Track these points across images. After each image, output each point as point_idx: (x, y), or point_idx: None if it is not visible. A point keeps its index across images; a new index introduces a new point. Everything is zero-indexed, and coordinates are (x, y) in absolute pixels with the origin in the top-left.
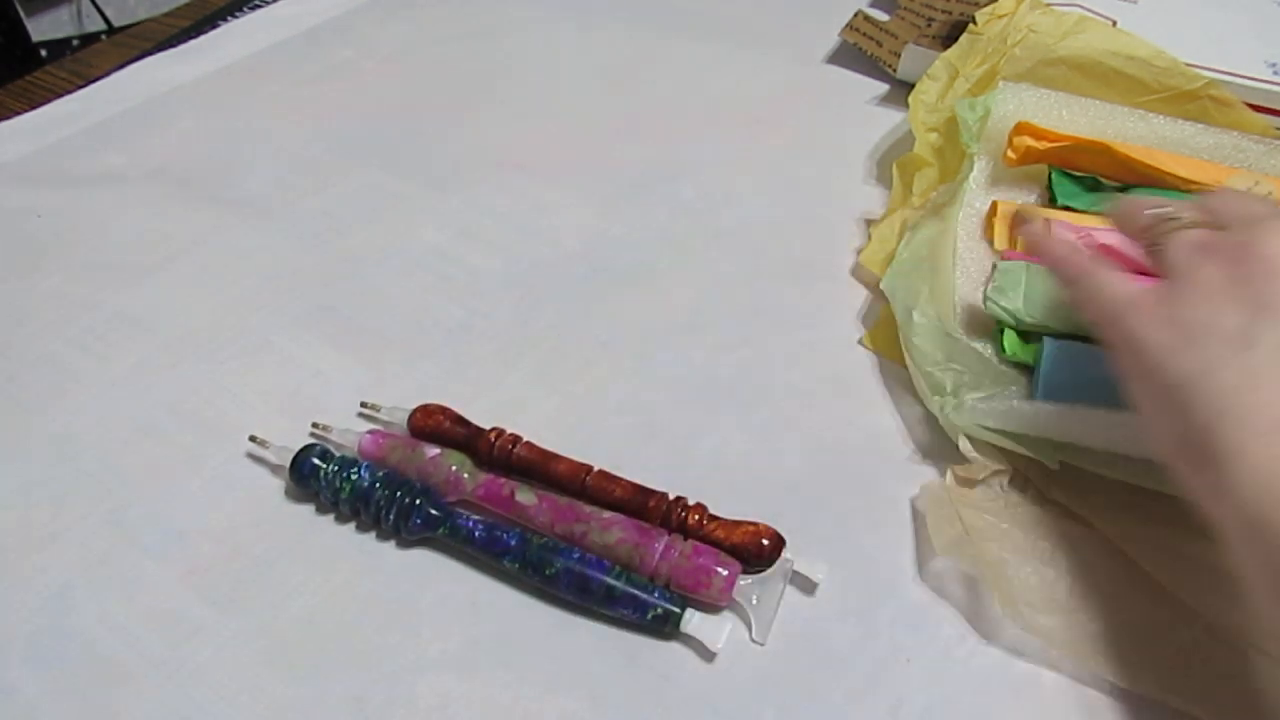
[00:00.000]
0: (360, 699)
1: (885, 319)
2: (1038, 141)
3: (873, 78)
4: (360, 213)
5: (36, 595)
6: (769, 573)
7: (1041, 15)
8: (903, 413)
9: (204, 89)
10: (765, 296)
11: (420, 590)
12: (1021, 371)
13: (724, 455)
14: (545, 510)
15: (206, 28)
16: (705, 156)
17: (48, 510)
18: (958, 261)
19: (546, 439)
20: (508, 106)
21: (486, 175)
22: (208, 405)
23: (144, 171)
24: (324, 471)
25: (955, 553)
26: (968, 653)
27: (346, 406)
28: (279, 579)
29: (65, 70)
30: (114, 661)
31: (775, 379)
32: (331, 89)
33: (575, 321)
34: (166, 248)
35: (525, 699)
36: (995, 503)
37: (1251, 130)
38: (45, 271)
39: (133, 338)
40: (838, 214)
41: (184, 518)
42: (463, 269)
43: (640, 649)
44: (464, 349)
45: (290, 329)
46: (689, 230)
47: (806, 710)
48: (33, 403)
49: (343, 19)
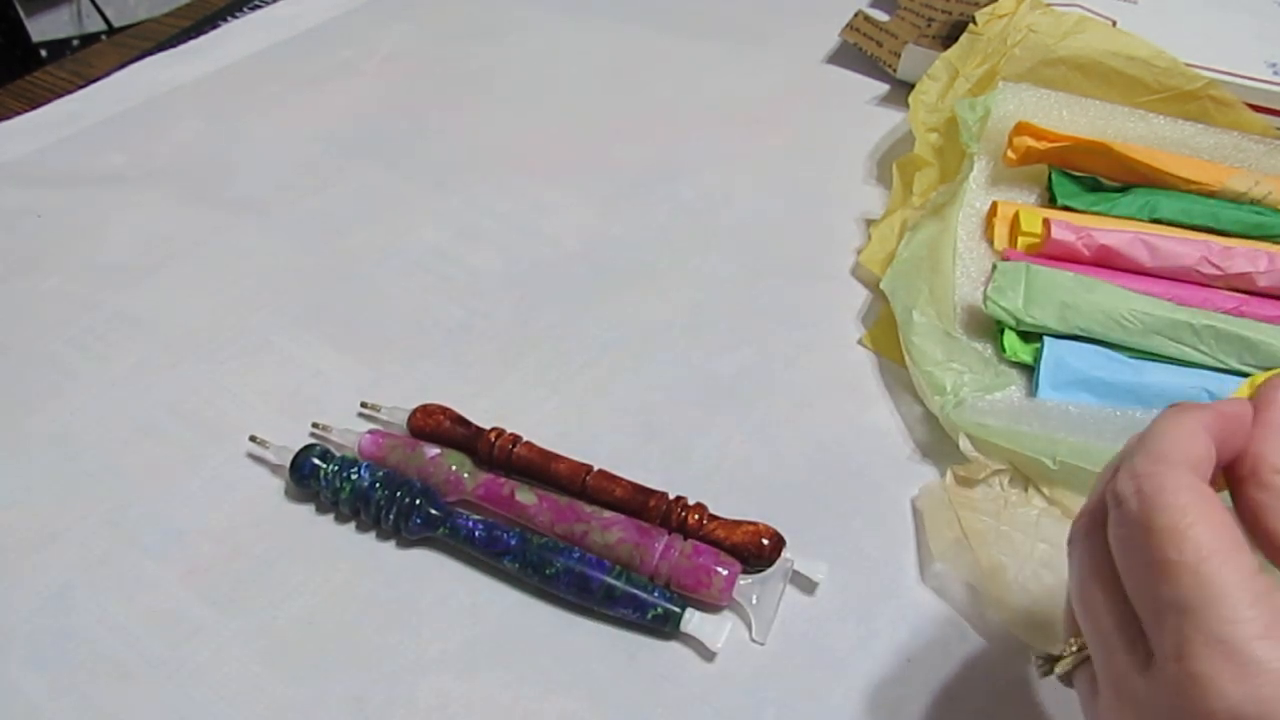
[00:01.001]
0: (360, 699)
1: (885, 319)
2: (1038, 141)
3: (873, 78)
4: (360, 213)
5: (36, 595)
6: (769, 573)
7: (1041, 15)
8: (903, 413)
9: (204, 89)
10: (765, 296)
11: (420, 590)
12: (1021, 371)
13: (724, 455)
14: (545, 510)
15: (206, 28)
16: (705, 156)
17: (48, 510)
18: (958, 261)
19: (546, 439)
20: (508, 106)
21: (486, 175)
22: (208, 405)
23: (144, 171)
24: (324, 471)
25: (953, 558)
26: (968, 653)
27: (346, 406)
28: (279, 579)
29: (65, 70)
30: (114, 661)
31: (775, 379)
32: (331, 89)
33: (575, 321)
34: (166, 248)
35: (525, 699)
36: (995, 503)
37: (1251, 130)
38: (45, 271)
39: (133, 338)
40: (838, 214)
41: (184, 518)
42: (463, 269)
43: (640, 649)
44: (464, 349)
45: (290, 329)
46: (689, 230)
47: (806, 710)
48: (33, 403)
49: (343, 19)
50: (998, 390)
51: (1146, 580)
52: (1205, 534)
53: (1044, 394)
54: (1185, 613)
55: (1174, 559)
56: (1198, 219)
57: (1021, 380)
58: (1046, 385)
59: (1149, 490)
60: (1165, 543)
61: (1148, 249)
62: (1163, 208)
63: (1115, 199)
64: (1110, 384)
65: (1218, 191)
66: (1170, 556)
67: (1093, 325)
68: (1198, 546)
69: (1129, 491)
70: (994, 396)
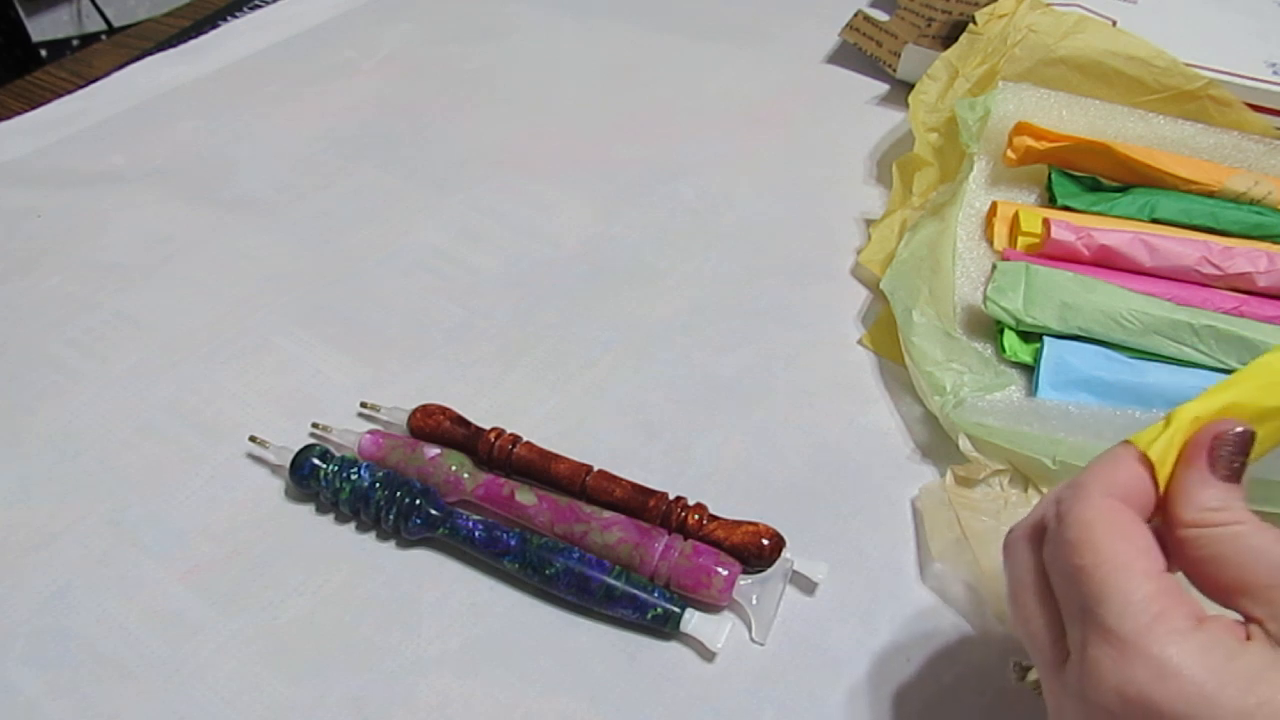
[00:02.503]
0: (360, 699)
1: (885, 319)
2: (1038, 141)
3: (873, 78)
4: (360, 213)
5: (36, 595)
6: (769, 573)
7: (1041, 15)
8: (903, 413)
9: (204, 89)
10: (765, 296)
11: (420, 590)
12: (1021, 371)
13: (724, 455)
14: (545, 510)
15: (206, 28)
16: (705, 156)
17: (48, 510)
18: (957, 261)
19: (546, 439)
20: (508, 106)
21: (486, 175)
22: (208, 405)
23: (144, 171)
24: (324, 472)
25: (952, 559)
26: (968, 653)
27: (346, 406)
28: (279, 579)
29: (65, 70)
30: (114, 661)
31: (775, 379)
32: (331, 89)
33: (575, 321)
34: (166, 248)
35: (525, 699)
36: (994, 503)
37: (1251, 130)
38: (45, 271)
39: (133, 338)
40: (838, 214)
41: (184, 518)
42: (463, 269)
43: (640, 649)
44: (464, 349)
45: (290, 329)
46: (689, 230)
47: (806, 710)
48: (33, 403)
49: (343, 19)
50: (998, 390)
51: (1062, 587)
52: (1105, 543)
53: (1044, 394)
54: (1085, 610)
55: (1077, 564)
56: (1197, 219)
57: (1021, 380)
58: (1046, 385)
59: (1063, 510)
60: (1072, 552)
61: (1147, 249)
62: (1162, 208)
63: (1115, 199)
64: (1110, 384)
65: (1217, 191)
66: (1075, 562)
67: (1093, 325)
68: (1096, 553)
69: (1051, 513)
70: (994, 396)
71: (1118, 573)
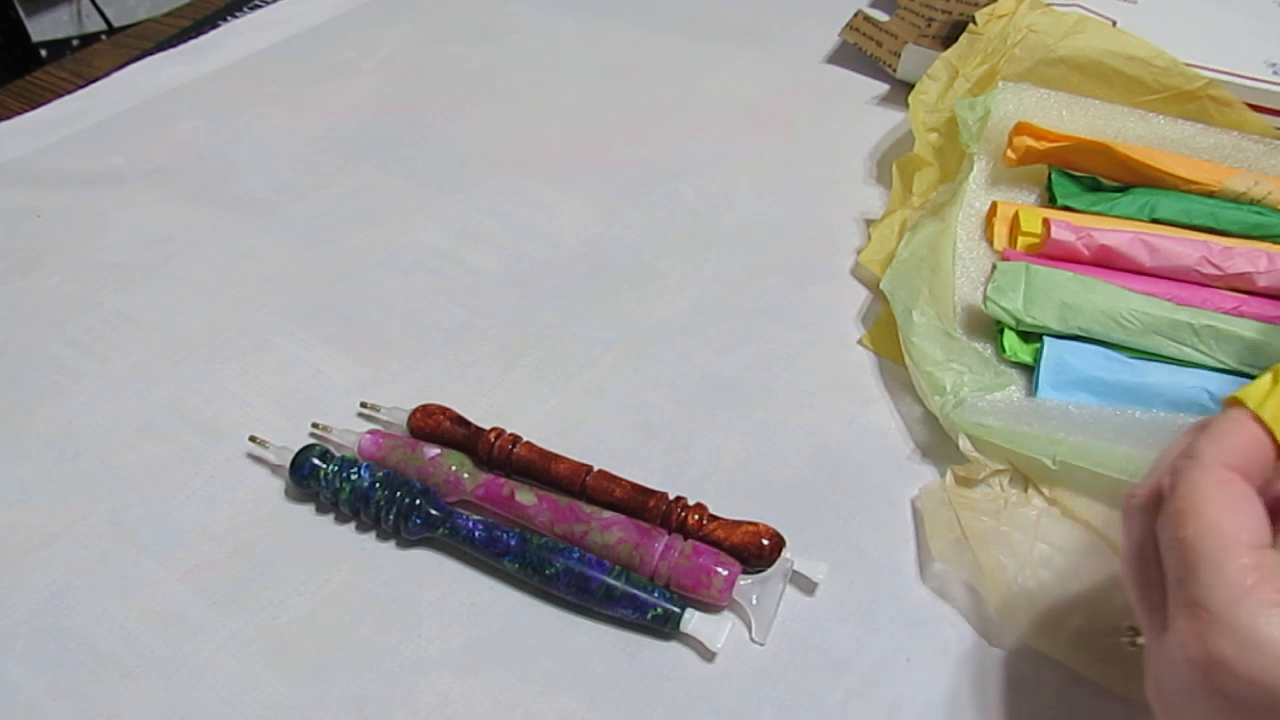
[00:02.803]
0: (360, 699)
1: (885, 319)
2: (1038, 141)
3: (873, 78)
4: (360, 213)
5: (36, 595)
6: (769, 573)
7: (1041, 15)
8: (903, 413)
9: (204, 89)
10: (765, 296)
11: (420, 590)
12: (1021, 371)
13: (724, 455)
14: (545, 510)
15: (206, 28)
16: (705, 156)
17: (48, 510)
18: (957, 261)
19: (546, 439)
20: (508, 106)
21: (486, 175)
22: (208, 405)
23: (144, 171)
24: (324, 472)
25: (953, 558)
26: (968, 653)
27: (346, 406)
28: (279, 579)
29: (65, 70)
30: (114, 661)
31: (775, 379)
32: (331, 89)
33: (575, 321)
34: (166, 248)
35: (525, 699)
36: (994, 503)
37: (1251, 130)
38: (45, 271)
39: (133, 338)
40: (838, 214)
41: (184, 518)
42: (463, 269)
43: (640, 649)
44: (464, 349)
45: (290, 329)
46: (689, 230)
47: (806, 710)
48: (33, 403)
49: (343, 19)
50: (998, 390)
51: (1167, 556)
52: (1209, 515)
53: (1044, 394)
54: (1181, 581)
55: (1180, 535)
56: (1197, 219)
57: (1021, 380)
58: (1046, 385)
59: (1175, 480)
60: (1177, 523)
61: (1147, 249)
62: (1162, 208)
63: (1115, 199)
64: (1110, 384)
65: (1217, 191)
66: (1178, 534)
67: (1093, 325)
68: (1200, 524)
69: (1166, 482)
70: (994, 396)
71: (1217, 547)
